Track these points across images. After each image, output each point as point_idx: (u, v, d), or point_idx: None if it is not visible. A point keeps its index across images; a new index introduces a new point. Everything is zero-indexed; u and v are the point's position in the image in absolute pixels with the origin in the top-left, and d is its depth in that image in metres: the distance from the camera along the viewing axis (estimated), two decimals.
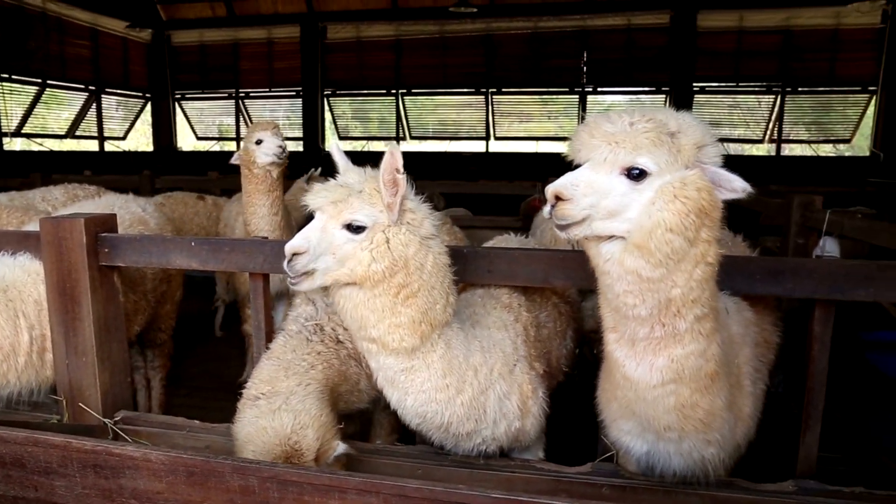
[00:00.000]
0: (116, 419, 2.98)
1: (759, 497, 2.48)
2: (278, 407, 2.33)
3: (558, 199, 1.81)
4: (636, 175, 1.80)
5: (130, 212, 3.56)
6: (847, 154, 13.22)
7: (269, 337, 2.91)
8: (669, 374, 1.97)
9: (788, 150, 13.14)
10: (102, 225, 2.94)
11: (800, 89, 12.35)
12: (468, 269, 2.48)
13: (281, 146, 4.17)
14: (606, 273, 1.91)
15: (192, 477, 2.06)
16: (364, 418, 3.22)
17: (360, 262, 2.07)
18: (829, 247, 4.30)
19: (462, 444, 2.46)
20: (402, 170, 2.10)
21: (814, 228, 4.43)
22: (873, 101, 11.98)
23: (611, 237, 1.86)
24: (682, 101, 12.21)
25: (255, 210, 4.25)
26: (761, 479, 2.57)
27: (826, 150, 13.31)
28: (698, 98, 12.49)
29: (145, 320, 3.61)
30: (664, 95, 12.58)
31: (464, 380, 2.29)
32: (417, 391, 2.25)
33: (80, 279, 2.84)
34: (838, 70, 11.99)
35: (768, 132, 12.72)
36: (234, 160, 4.45)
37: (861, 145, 12.73)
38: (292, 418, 2.28)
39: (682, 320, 1.91)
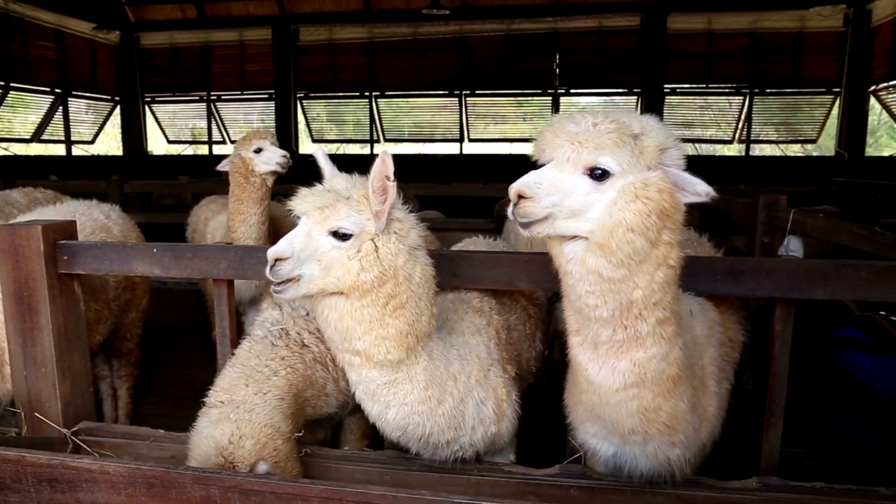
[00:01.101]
0: (77, 430, 2.92)
1: (724, 495, 2.51)
2: (225, 416, 2.30)
3: (521, 197, 1.80)
4: (599, 175, 1.81)
5: (93, 218, 3.48)
6: (815, 154, 13.51)
7: (235, 343, 2.87)
8: (632, 377, 1.98)
9: (759, 150, 13.37)
10: (61, 232, 2.87)
11: (767, 91, 12.60)
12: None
13: (285, 155, 4.19)
14: (569, 273, 1.91)
15: (151, 489, 2.02)
16: (334, 424, 3.20)
17: (348, 272, 2.03)
18: (792, 245, 4.38)
19: (440, 453, 2.45)
20: (392, 177, 2.07)
21: (779, 227, 4.51)
22: (837, 103, 12.26)
23: (574, 237, 1.87)
24: (653, 103, 12.38)
25: (246, 218, 4.22)
26: (730, 476, 2.61)
27: (794, 150, 13.58)
28: (670, 99, 12.66)
29: (108, 329, 3.53)
30: (636, 97, 12.72)
31: (445, 390, 2.27)
32: (400, 404, 2.22)
33: (38, 288, 2.77)
34: (803, 72, 12.26)
35: (738, 133, 12.94)
36: (222, 167, 4.42)
37: (827, 145, 13.02)
38: (232, 428, 2.26)
39: (644, 323, 1.92)
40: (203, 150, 15.18)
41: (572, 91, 13.16)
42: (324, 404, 2.73)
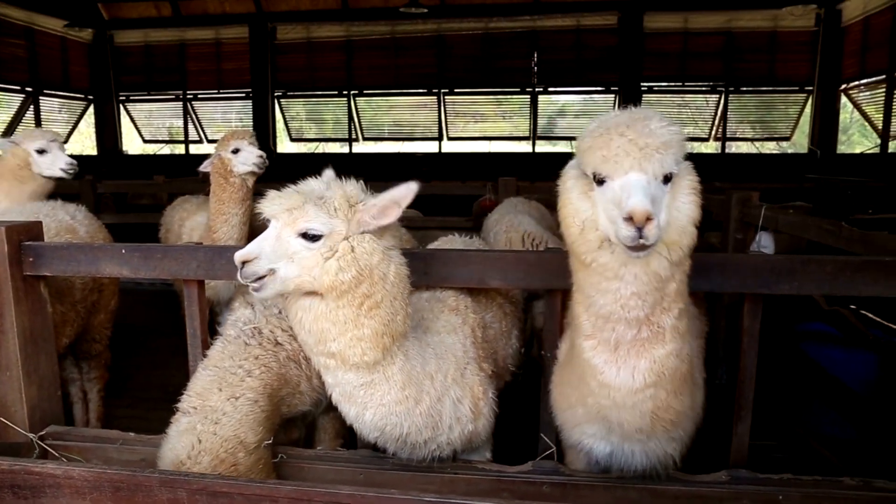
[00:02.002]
0: (44, 435, 2.86)
1: (694, 488, 2.54)
2: (191, 427, 2.30)
3: (648, 219, 1.72)
4: (665, 178, 1.84)
5: (57, 220, 3.42)
6: (789, 151, 13.72)
7: (206, 344, 2.84)
8: (651, 377, 1.99)
9: (735, 147, 13.54)
10: (26, 233, 2.82)
11: (742, 89, 12.76)
12: None
13: (261, 155, 4.18)
14: (619, 278, 1.88)
15: (118, 493, 1.99)
16: (308, 423, 3.18)
17: (326, 272, 2.01)
18: (764, 241, 4.44)
19: (418, 452, 2.44)
20: (402, 207, 2.08)
21: (752, 224, 4.57)
22: (810, 101, 12.47)
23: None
24: (630, 101, 12.46)
25: (227, 219, 4.22)
26: (701, 469, 2.64)
27: (770, 147, 13.78)
28: (647, 97, 12.76)
29: (75, 332, 3.47)
30: (614, 95, 12.81)
31: (422, 389, 2.27)
32: (377, 405, 2.21)
33: (3, 290, 2.72)
34: (777, 71, 12.43)
35: (714, 130, 13.09)
36: (204, 168, 4.41)
37: (801, 142, 13.22)
38: (193, 442, 2.25)
39: (668, 315, 1.95)
40: (180, 149, 15.00)
41: (550, 89, 13.21)
42: (298, 402, 2.72)
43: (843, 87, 12.21)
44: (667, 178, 1.82)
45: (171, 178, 9.50)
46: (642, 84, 12.56)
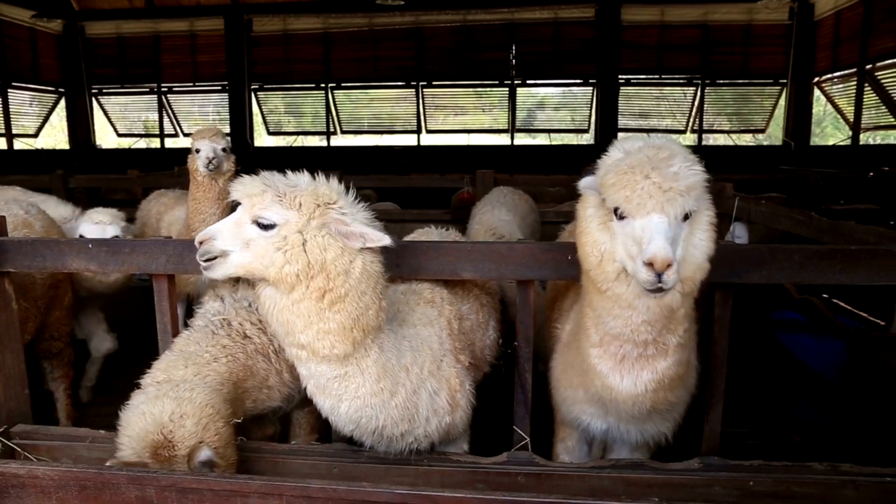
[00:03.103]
0: (11, 434, 2.81)
1: (667, 476, 2.57)
2: (164, 393, 2.25)
3: (668, 266, 1.78)
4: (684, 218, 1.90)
5: (13, 214, 3.36)
6: (765, 143, 13.88)
7: None
8: (653, 384, 2.10)
9: (712, 139, 13.67)
10: None
11: (718, 81, 12.87)
12: None
13: (209, 156, 4.11)
14: (632, 308, 1.96)
15: (84, 491, 1.96)
16: (285, 419, 3.16)
17: (273, 262, 2.02)
18: (738, 231, 4.50)
19: (395, 445, 2.44)
20: (367, 245, 2.09)
21: (726, 214, 4.61)
22: (784, 93, 12.62)
23: None
24: (609, 94, 12.53)
25: (204, 218, 4.19)
26: (674, 457, 2.67)
27: (746, 139, 13.93)
28: (625, 90, 12.82)
29: (35, 328, 3.41)
30: (592, 87, 12.84)
31: (397, 381, 2.27)
32: (352, 397, 2.20)
33: None
34: (752, 63, 12.55)
35: (691, 123, 13.20)
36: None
37: (776, 135, 13.39)
38: (174, 406, 2.20)
39: (674, 335, 2.05)
40: (156, 143, 14.76)
41: (529, 82, 13.20)
42: (266, 398, 2.69)
43: (816, 79, 12.38)
44: (686, 216, 1.88)
45: (146, 173, 9.34)
46: (620, 76, 12.61)
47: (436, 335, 2.47)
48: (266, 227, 2.04)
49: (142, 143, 15.25)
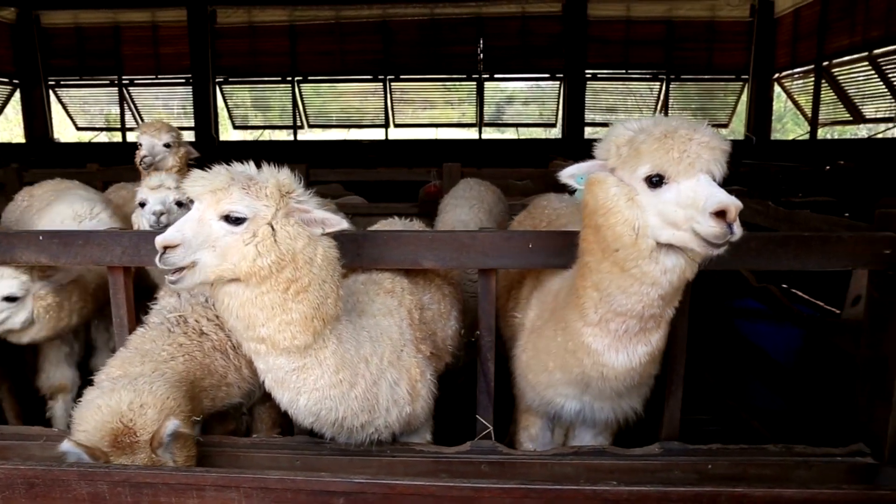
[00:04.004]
0: None
1: (628, 462, 2.61)
2: (121, 386, 2.19)
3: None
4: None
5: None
6: (729, 138, 14.13)
7: None
8: (647, 357, 2.16)
9: None
10: None
11: (683, 77, 13.07)
12: None
13: (143, 154, 4.03)
14: (655, 284, 1.96)
15: (32, 489, 1.90)
16: (243, 413, 3.12)
17: (244, 257, 1.96)
18: None
19: (355, 436, 2.43)
20: (326, 231, 2.11)
21: None
22: (746, 89, 12.89)
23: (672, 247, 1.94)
24: (576, 88, 12.62)
25: None
26: (637, 444, 2.71)
27: None
28: (592, 85, 12.92)
29: None
30: (559, 82, 12.93)
31: (356, 372, 2.25)
32: (311, 390, 2.18)
33: None
34: (715, 59, 12.78)
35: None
36: None
37: (739, 129, 13.66)
38: (132, 396, 2.15)
39: (672, 308, 2.12)
40: (117, 137, 14.38)
41: (497, 76, 13.23)
42: (225, 395, 2.65)
43: (776, 76, 12.66)
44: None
45: (106, 167, 9.09)
46: (587, 71, 12.71)
47: (396, 325, 2.46)
48: (236, 221, 1.98)
49: (103, 138, 14.85)
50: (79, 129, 14.51)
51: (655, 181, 1.88)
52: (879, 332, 2.53)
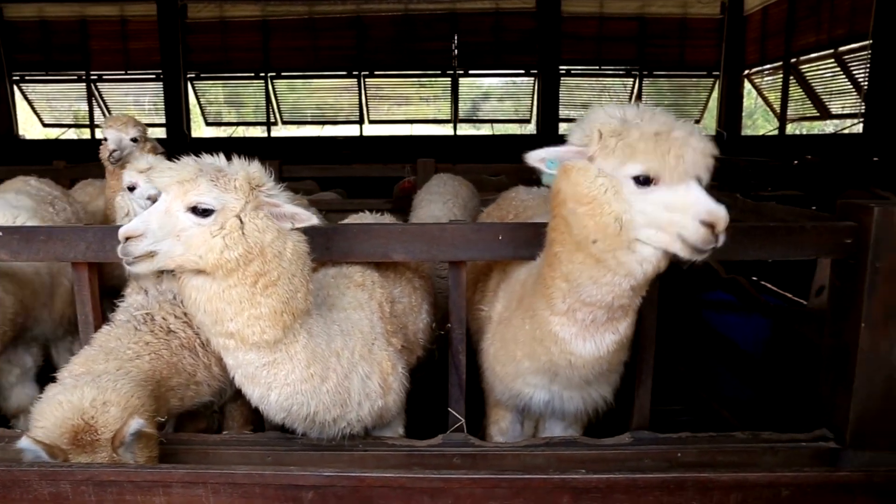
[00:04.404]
0: None
1: (599, 451, 2.63)
2: (84, 383, 2.15)
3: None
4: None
5: None
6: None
7: None
8: (614, 346, 2.15)
9: None
10: None
11: (655, 73, 13.22)
12: None
13: (110, 148, 3.94)
14: (630, 275, 1.94)
15: None
16: (214, 411, 3.08)
17: (211, 249, 1.94)
18: None
19: (327, 431, 2.42)
20: (296, 226, 2.10)
21: None
22: (717, 85, 13.08)
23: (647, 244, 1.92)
24: (549, 84, 12.68)
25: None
26: (608, 434, 2.73)
27: None
28: (566, 81, 12.98)
29: None
30: (533, 78, 12.98)
31: (328, 367, 2.24)
32: (282, 385, 2.16)
33: None
34: (687, 56, 12.94)
35: None
36: None
37: (712, 125, 13.85)
38: (95, 392, 2.11)
39: (640, 297, 2.11)
40: (86, 133, 14.08)
41: (471, 72, 13.23)
42: (194, 394, 2.61)
43: (746, 72, 12.87)
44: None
45: (73, 164, 8.90)
46: (560, 67, 12.77)
47: (367, 318, 2.46)
48: (204, 213, 1.96)
49: (71, 135, 14.53)
50: (45, 125, 14.18)
51: (643, 180, 1.85)
52: (841, 321, 2.58)
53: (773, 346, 4.10)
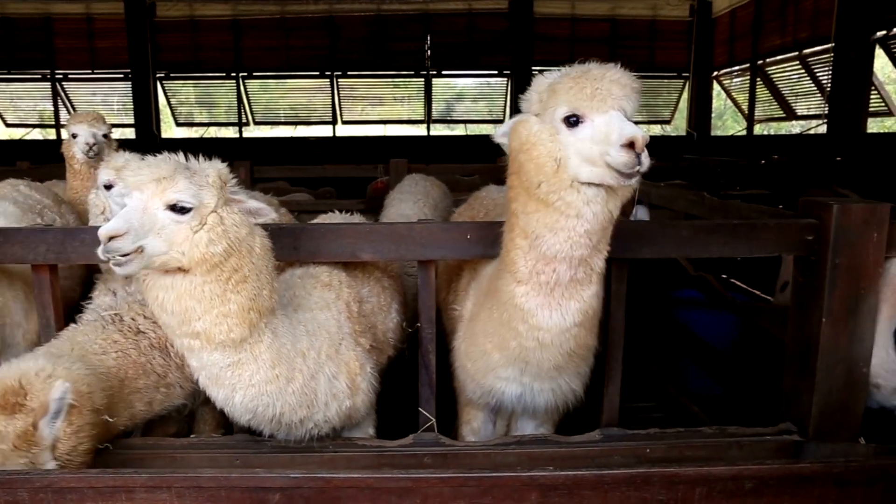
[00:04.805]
0: None
1: (569, 449, 2.65)
2: (41, 355, 2.13)
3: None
4: None
5: None
6: (672, 134, 14.57)
7: None
8: (579, 316, 2.15)
9: None
10: None
11: None
12: (273, 248, 2.38)
13: (89, 142, 3.85)
14: (579, 216, 1.99)
15: None
16: (185, 415, 3.03)
17: (196, 245, 1.94)
18: (640, 213, 4.70)
19: (295, 432, 2.39)
20: (257, 220, 2.14)
21: (630, 198, 4.79)
22: (687, 87, 13.28)
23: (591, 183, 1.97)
24: (522, 85, 12.69)
25: (85, 209, 3.91)
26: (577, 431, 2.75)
27: (655, 130, 14.55)
28: None
29: None
30: (506, 79, 13.04)
31: (293, 367, 2.22)
32: (246, 386, 2.14)
33: None
34: (658, 57, 13.14)
35: None
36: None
37: (682, 126, 14.07)
38: (45, 365, 2.07)
39: (599, 258, 2.13)
40: (52, 134, 13.77)
41: (444, 72, 13.24)
42: (164, 397, 2.57)
43: (715, 74, 13.09)
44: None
45: (38, 165, 8.69)
46: (533, 68, 12.84)
47: (334, 318, 2.44)
48: (183, 210, 1.96)
49: (36, 135, 14.19)
50: (8, 125, 13.84)
51: (573, 121, 1.96)
52: (804, 316, 2.64)
53: (740, 343, 4.17)
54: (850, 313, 2.51)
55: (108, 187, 3.19)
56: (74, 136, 3.94)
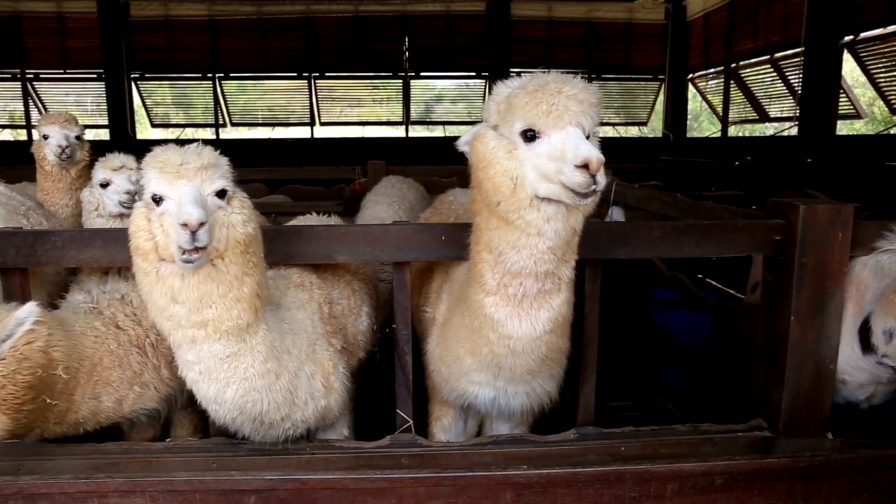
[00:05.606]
0: None
1: (545, 448, 2.67)
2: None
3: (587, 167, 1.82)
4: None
5: None
6: (649, 136, 14.76)
7: None
8: (549, 324, 2.13)
9: (602, 132, 14.28)
10: None
11: (603, 76, 13.51)
12: None
13: (61, 144, 3.77)
14: (541, 234, 1.96)
15: None
16: (162, 422, 3.00)
17: (233, 226, 1.99)
18: (615, 214, 4.75)
19: (272, 432, 2.38)
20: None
21: (605, 199, 4.85)
22: (662, 89, 13.46)
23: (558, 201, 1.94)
24: None
25: (56, 210, 3.86)
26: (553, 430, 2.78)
27: (633, 132, 14.73)
28: None
29: None
30: (484, 81, 13.10)
31: (281, 363, 2.23)
32: (240, 379, 2.13)
33: None
34: (634, 59, 13.31)
35: None
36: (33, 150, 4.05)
37: (659, 127, 14.26)
38: (26, 308, 2.06)
39: (567, 267, 2.11)
40: (22, 134, 13.51)
41: (423, 74, 13.27)
42: (137, 396, 2.53)
43: (691, 76, 13.29)
44: (587, 136, 1.94)
45: (8, 167, 8.53)
46: (511, 70, 12.93)
47: (308, 318, 2.45)
48: (223, 194, 2.01)
49: (6, 136, 13.91)
50: None
51: (530, 136, 1.92)
52: (773, 314, 2.69)
53: (714, 341, 4.24)
54: (818, 311, 2.57)
55: (105, 185, 3.18)
56: (46, 137, 3.84)
